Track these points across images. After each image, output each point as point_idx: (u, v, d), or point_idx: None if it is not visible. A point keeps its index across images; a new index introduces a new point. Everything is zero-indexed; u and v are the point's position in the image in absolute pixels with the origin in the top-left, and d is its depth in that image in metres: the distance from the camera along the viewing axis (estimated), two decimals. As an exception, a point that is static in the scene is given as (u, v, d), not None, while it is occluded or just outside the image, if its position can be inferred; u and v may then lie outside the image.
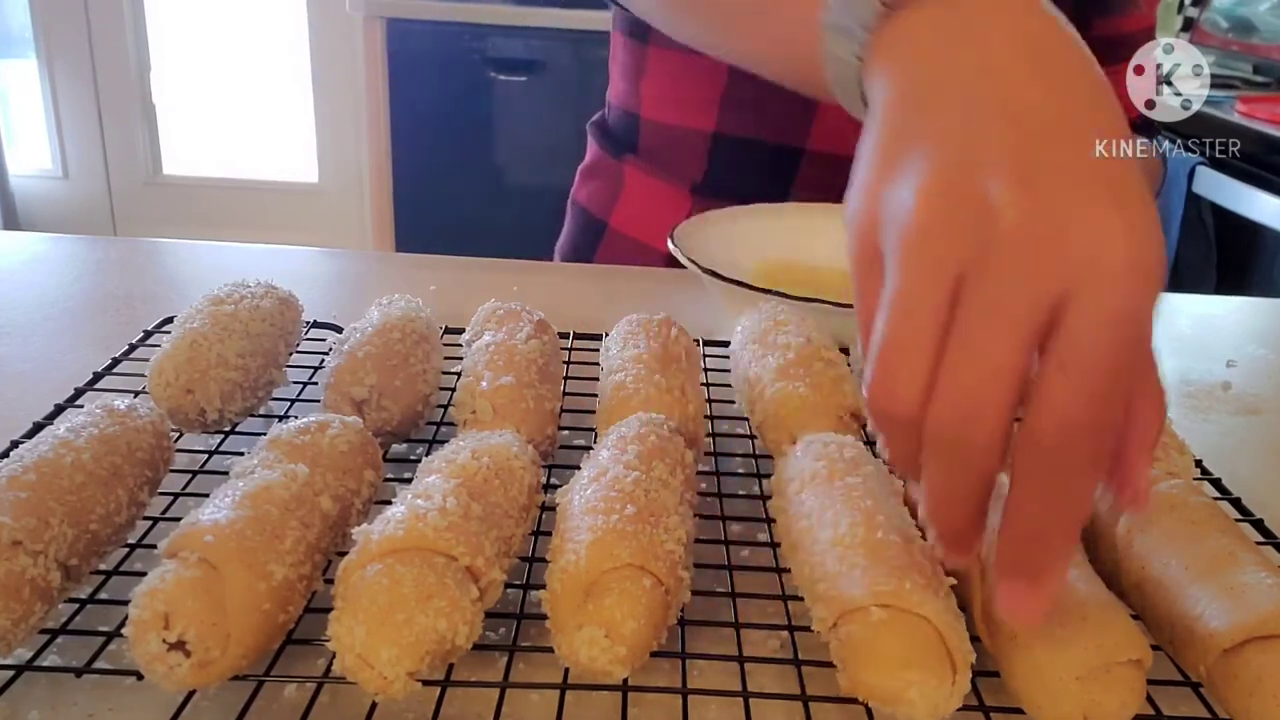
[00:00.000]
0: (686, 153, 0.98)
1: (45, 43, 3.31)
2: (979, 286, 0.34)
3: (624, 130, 1.04)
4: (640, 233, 1.02)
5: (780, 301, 0.67)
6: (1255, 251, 1.93)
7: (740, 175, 0.96)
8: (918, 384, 0.35)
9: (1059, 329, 0.33)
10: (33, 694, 0.41)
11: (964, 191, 0.35)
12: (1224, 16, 2.32)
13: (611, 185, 1.05)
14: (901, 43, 0.41)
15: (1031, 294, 0.33)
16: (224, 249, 1.01)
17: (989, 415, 0.34)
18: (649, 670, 0.41)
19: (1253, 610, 0.39)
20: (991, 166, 0.35)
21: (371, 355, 0.56)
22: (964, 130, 0.36)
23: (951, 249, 0.34)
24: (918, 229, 0.35)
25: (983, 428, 0.34)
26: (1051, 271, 0.33)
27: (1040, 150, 0.35)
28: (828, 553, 0.41)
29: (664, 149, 1.01)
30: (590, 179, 1.08)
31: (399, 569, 0.38)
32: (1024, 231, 0.33)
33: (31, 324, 0.77)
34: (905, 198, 0.36)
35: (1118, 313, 0.33)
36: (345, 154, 3.37)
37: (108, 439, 0.46)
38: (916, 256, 0.35)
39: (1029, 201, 0.34)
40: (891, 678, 0.37)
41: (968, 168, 0.35)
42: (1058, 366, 0.33)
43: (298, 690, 0.41)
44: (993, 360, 0.33)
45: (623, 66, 1.02)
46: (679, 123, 0.98)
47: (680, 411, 0.54)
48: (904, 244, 0.35)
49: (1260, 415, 0.74)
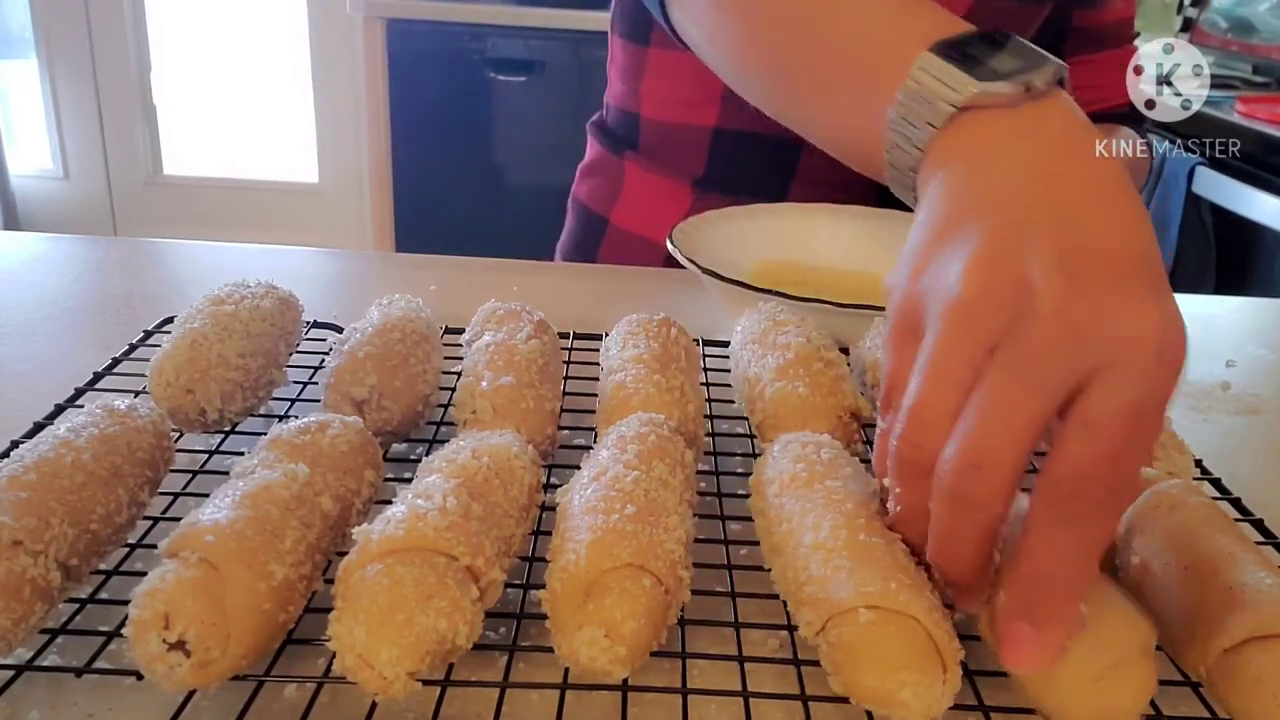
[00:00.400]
0: (687, 149, 0.99)
1: (45, 43, 3.32)
2: (1011, 351, 0.37)
3: (624, 129, 1.04)
4: (642, 228, 1.02)
5: (780, 301, 0.67)
6: (1255, 251, 1.93)
7: (741, 169, 0.97)
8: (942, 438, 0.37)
9: (1085, 395, 0.36)
10: (33, 694, 0.41)
11: (1008, 268, 0.37)
12: (1224, 16, 2.32)
13: (612, 182, 1.05)
14: (967, 143, 0.44)
15: (1062, 367, 0.36)
16: (224, 249, 1.01)
17: (995, 466, 0.36)
18: (649, 670, 0.41)
19: (1253, 610, 0.39)
20: (1037, 250, 0.37)
21: (372, 355, 0.56)
22: (1015, 219, 0.39)
23: (991, 319, 0.37)
24: (961, 299, 0.38)
25: (988, 477, 0.36)
26: (1085, 350, 0.36)
27: (1082, 232, 0.38)
28: (811, 556, 0.41)
29: (664, 146, 1.01)
30: (590, 176, 1.08)
31: (399, 569, 0.38)
32: (1062, 309, 0.36)
33: (31, 324, 0.77)
34: (954, 269, 0.39)
35: (1147, 393, 0.36)
36: (345, 154, 3.37)
37: (108, 439, 0.46)
38: (957, 323, 0.38)
39: (1069, 283, 0.36)
40: (886, 679, 0.37)
41: (1014, 248, 0.38)
42: (1081, 423, 0.36)
43: (298, 690, 0.41)
44: (1012, 417, 0.36)
45: (621, 69, 1.02)
46: (679, 120, 0.98)
47: (680, 411, 0.54)
48: (947, 312, 0.38)
49: (1260, 415, 0.74)
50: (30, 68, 3.34)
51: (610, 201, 1.05)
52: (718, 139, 0.97)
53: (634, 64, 0.99)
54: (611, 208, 1.05)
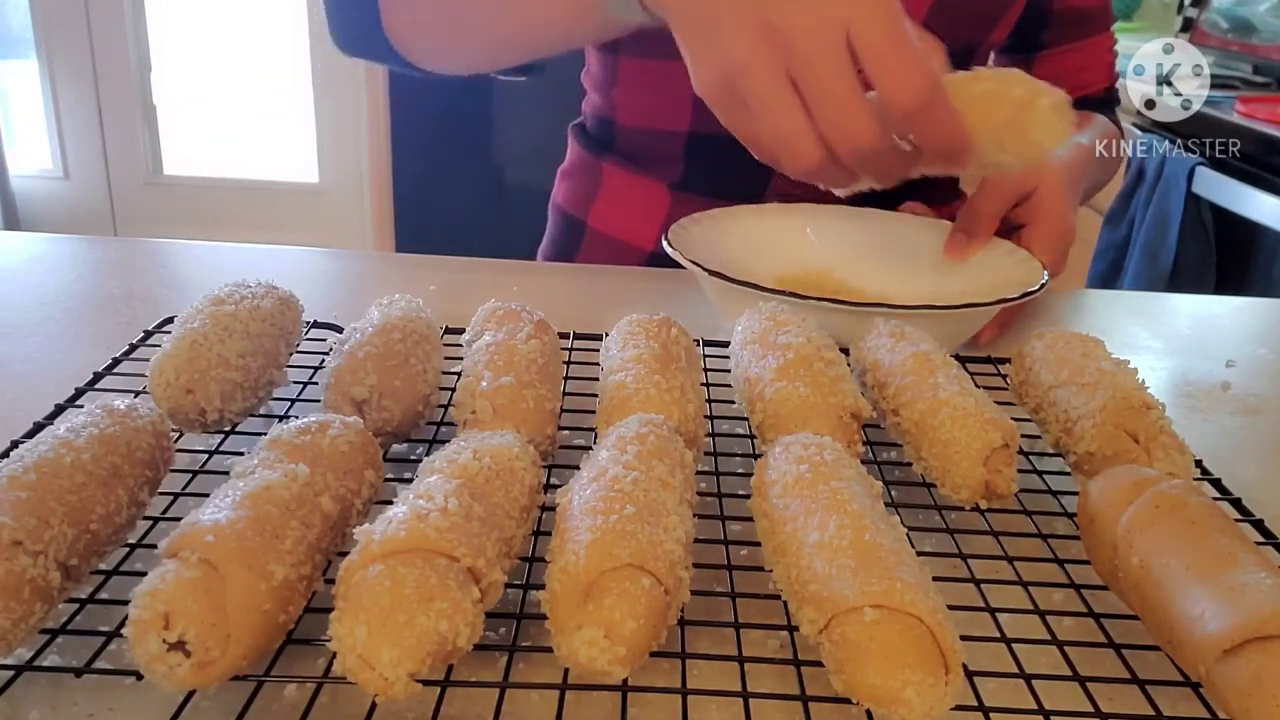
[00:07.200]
0: (663, 153, 0.99)
1: (45, 43, 3.32)
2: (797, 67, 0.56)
3: (602, 134, 1.05)
4: (619, 231, 1.03)
5: (780, 301, 0.67)
6: (1255, 251, 1.93)
7: (718, 172, 0.97)
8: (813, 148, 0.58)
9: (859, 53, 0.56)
10: (33, 694, 0.41)
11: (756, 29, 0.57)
12: (1224, 16, 2.32)
13: (589, 184, 1.05)
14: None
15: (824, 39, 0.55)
16: (224, 249, 1.01)
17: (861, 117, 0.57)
18: (649, 670, 0.41)
19: (1253, 610, 0.39)
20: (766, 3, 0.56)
21: (372, 355, 0.56)
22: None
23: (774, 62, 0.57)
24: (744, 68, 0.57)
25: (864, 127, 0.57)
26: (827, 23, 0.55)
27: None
28: (816, 555, 0.41)
29: (641, 152, 1.02)
30: (568, 179, 1.09)
31: (401, 570, 0.38)
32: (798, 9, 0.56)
33: (31, 324, 0.77)
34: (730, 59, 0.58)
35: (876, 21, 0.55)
36: (345, 154, 3.37)
37: (108, 439, 0.46)
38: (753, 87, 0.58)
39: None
40: (889, 678, 0.37)
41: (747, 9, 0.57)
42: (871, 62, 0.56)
43: (298, 690, 0.41)
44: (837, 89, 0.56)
45: (595, 79, 1.03)
46: (654, 126, 0.99)
47: (680, 411, 0.54)
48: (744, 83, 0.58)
49: (1260, 415, 0.74)
50: (30, 68, 3.34)
51: (587, 204, 1.05)
52: (692, 143, 0.97)
53: (607, 73, 1.01)
54: (589, 210, 1.05)
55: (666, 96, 0.96)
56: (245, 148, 3.55)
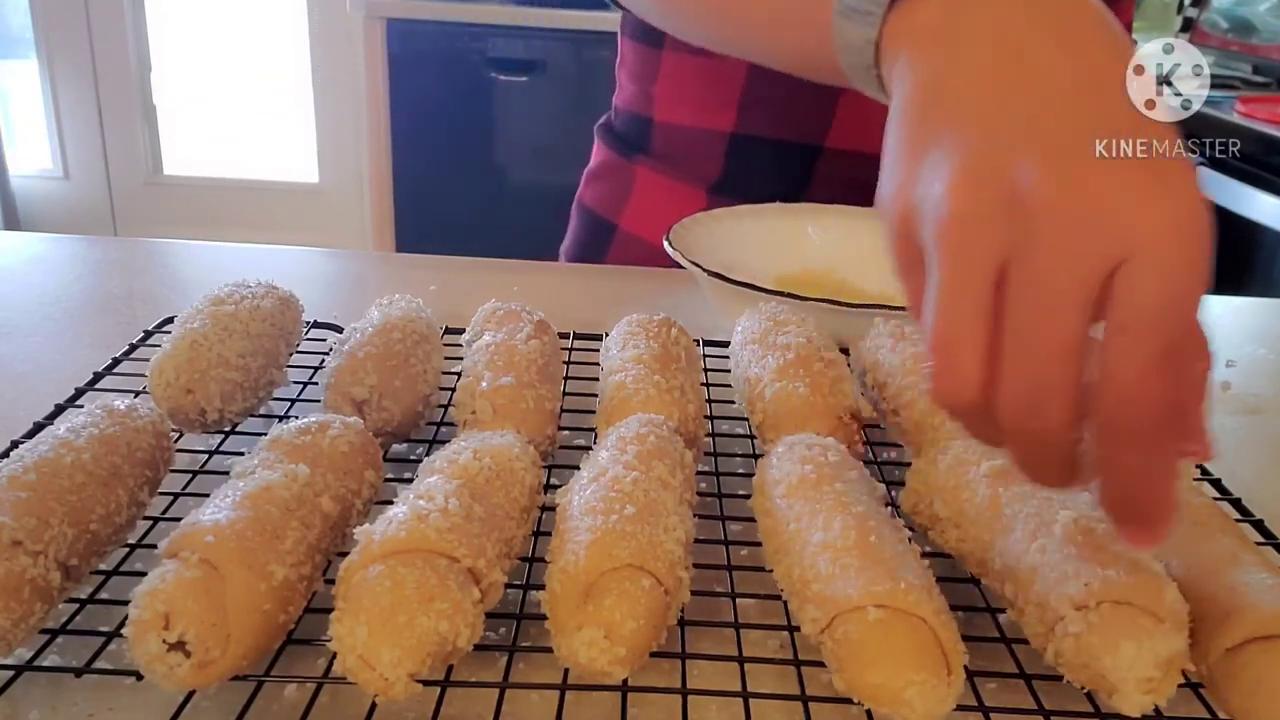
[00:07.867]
0: (702, 153, 0.97)
1: (45, 43, 3.31)
2: (1024, 269, 0.34)
3: (634, 133, 1.02)
4: (652, 234, 1.01)
5: (780, 302, 0.67)
6: (1255, 251, 1.93)
7: (758, 174, 0.95)
8: (975, 374, 0.35)
9: (1114, 298, 0.34)
10: (33, 694, 0.41)
11: (994, 177, 0.35)
12: (1224, 16, 2.32)
13: (621, 187, 1.03)
14: (917, 24, 0.41)
15: (1078, 270, 0.34)
16: (224, 249, 1.01)
17: (1056, 395, 0.35)
18: (649, 670, 0.41)
19: (1253, 610, 0.39)
20: (1018, 148, 0.35)
21: (372, 355, 0.56)
22: (986, 112, 0.37)
23: (989, 236, 0.35)
24: (952, 221, 0.35)
25: (1053, 408, 0.35)
26: (1094, 246, 0.33)
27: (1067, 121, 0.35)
28: (819, 555, 0.41)
29: (678, 150, 0.99)
30: (597, 180, 1.06)
31: (401, 570, 0.38)
32: (1060, 208, 0.34)
33: (31, 324, 0.77)
34: (936, 191, 0.36)
35: (1167, 272, 0.33)
36: (345, 154, 3.37)
37: (108, 439, 0.46)
38: (955, 249, 0.35)
39: (1060, 177, 0.34)
40: (891, 678, 0.37)
41: (995, 153, 0.35)
42: (1119, 330, 0.34)
43: (298, 690, 0.41)
44: (1050, 342, 0.34)
45: (632, 71, 1.00)
46: (695, 124, 0.96)
47: (680, 412, 0.54)
48: (940, 239, 0.36)
49: (1260, 415, 0.74)
50: (30, 68, 3.34)
51: (619, 206, 1.03)
52: (734, 144, 0.95)
53: (646, 67, 0.98)
54: (620, 212, 1.03)
55: (710, 94, 0.93)
56: (245, 148, 3.55)
